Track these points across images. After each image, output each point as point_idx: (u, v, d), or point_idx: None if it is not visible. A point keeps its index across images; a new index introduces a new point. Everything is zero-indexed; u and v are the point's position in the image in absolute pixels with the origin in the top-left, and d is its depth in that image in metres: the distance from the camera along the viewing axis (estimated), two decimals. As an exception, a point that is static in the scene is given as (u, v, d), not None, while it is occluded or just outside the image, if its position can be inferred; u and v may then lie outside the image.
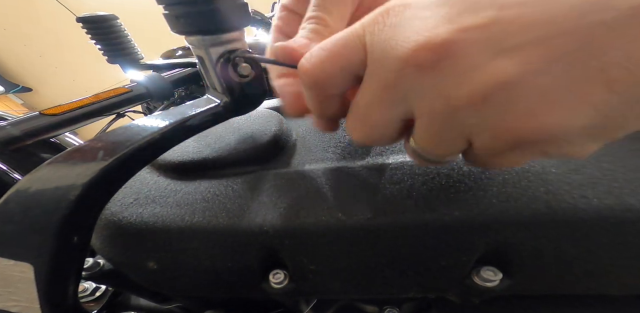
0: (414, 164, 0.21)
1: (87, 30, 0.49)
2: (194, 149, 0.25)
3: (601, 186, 0.18)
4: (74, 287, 0.15)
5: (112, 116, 0.49)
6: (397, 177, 0.20)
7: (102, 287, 0.34)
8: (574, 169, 0.19)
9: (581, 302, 0.25)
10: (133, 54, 0.53)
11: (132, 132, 0.17)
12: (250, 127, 0.26)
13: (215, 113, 0.20)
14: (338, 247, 0.20)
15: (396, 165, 0.21)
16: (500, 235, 0.18)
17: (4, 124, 0.37)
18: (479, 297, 0.21)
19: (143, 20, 1.34)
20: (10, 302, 0.13)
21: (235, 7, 0.17)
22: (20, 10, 1.78)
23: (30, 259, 0.13)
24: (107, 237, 0.22)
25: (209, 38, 0.18)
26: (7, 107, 2.07)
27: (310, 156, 0.24)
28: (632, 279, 0.19)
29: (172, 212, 0.21)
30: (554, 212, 0.17)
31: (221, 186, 0.23)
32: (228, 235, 0.20)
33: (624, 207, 0.17)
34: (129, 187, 0.24)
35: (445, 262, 0.20)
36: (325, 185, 0.21)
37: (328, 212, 0.19)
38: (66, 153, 0.16)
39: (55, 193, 0.14)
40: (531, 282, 0.20)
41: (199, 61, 0.20)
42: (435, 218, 0.18)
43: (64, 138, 0.53)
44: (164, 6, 0.17)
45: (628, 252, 0.18)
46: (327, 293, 0.24)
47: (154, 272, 0.22)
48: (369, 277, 0.22)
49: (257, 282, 0.22)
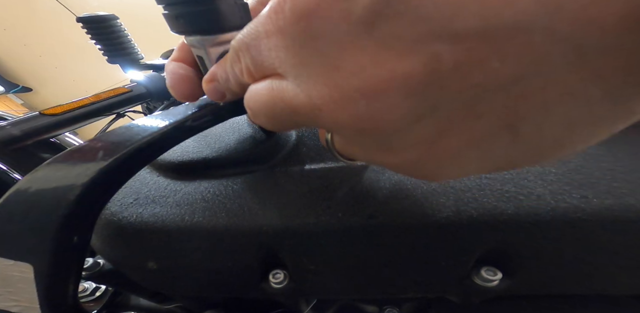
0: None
1: (87, 30, 0.49)
2: (194, 148, 0.25)
3: (601, 186, 0.18)
4: (74, 287, 0.15)
5: (112, 116, 0.49)
6: (397, 177, 0.20)
7: (102, 287, 0.34)
8: (574, 169, 0.19)
9: (581, 302, 0.25)
10: (133, 54, 0.53)
11: (132, 132, 0.17)
12: (250, 127, 0.26)
13: (215, 113, 0.20)
14: (338, 247, 0.20)
15: None
16: (500, 235, 0.18)
17: (4, 124, 0.37)
18: (479, 297, 0.21)
19: (143, 20, 1.34)
20: (10, 302, 0.13)
21: (235, 7, 0.17)
22: (20, 10, 1.78)
23: (30, 259, 0.13)
24: (107, 237, 0.22)
25: (209, 38, 0.18)
26: (7, 107, 2.07)
27: (310, 156, 0.24)
28: (632, 279, 0.19)
29: (172, 212, 0.21)
30: (554, 212, 0.17)
31: (221, 186, 0.23)
32: (228, 235, 0.20)
33: (624, 207, 0.17)
34: (129, 187, 0.24)
35: (445, 262, 0.20)
36: (326, 185, 0.21)
37: (328, 212, 0.19)
38: (66, 153, 0.16)
39: (55, 194, 0.14)
40: (531, 282, 0.20)
41: (199, 61, 0.20)
42: (435, 218, 0.18)
43: (64, 138, 0.53)
44: (163, 6, 0.17)
45: (628, 252, 0.18)
46: (327, 293, 0.24)
47: (154, 272, 0.22)
48: (368, 277, 0.22)
49: (257, 282, 0.22)
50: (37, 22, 1.82)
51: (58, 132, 0.40)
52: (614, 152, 0.19)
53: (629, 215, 0.17)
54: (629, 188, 0.17)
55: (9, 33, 1.87)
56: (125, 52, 0.52)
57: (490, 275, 0.19)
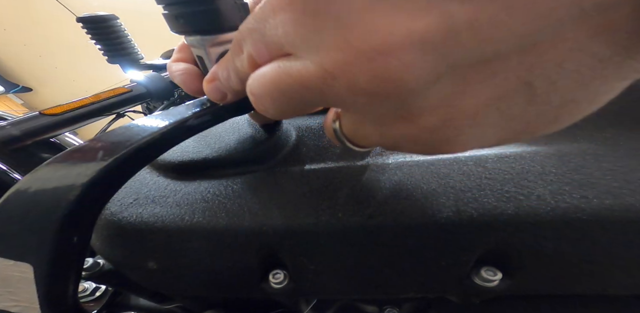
0: (413, 164, 0.21)
1: (87, 30, 0.49)
2: (194, 148, 0.25)
3: (601, 186, 0.18)
4: (74, 287, 0.15)
5: (112, 116, 0.49)
6: (397, 177, 0.20)
7: (102, 287, 0.34)
8: (573, 169, 0.19)
9: (581, 302, 0.25)
10: (133, 54, 0.53)
11: (132, 132, 0.17)
12: (250, 127, 0.26)
13: (215, 113, 0.20)
14: (338, 247, 0.20)
15: (396, 165, 0.21)
16: (500, 235, 0.18)
17: (4, 124, 0.37)
18: (479, 297, 0.21)
19: (143, 20, 1.34)
20: (10, 302, 0.13)
21: (235, 7, 0.17)
22: (20, 10, 1.78)
23: (30, 259, 0.13)
24: (107, 237, 0.22)
25: (209, 38, 0.18)
26: (7, 107, 2.07)
27: (310, 156, 0.24)
28: (632, 279, 0.19)
29: (172, 212, 0.21)
30: (554, 212, 0.17)
31: (221, 186, 0.23)
32: (228, 235, 0.20)
33: (624, 207, 0.17)
34: (129, 187, 0.24)
35: (445, 262, 0.20)
36: (326, 185, 0.21)
37: (328, 212, 0.19)
38: (66, 153, 0.16)
39: (55, 194, 0.14)
40: (531, 282, 0.20)
41: (199, 61, 0.20)
42: (435, 218, 0.18)
43: (64, 138, 0.53)
44: (163, 6, 0.17)
45: (628, 252, 0.18)
46: (327, 293, 0.24)
47: (154, 272, 0.22)
48: (368, 277, 0.22)
49: (257, 282, 0.22)
50: (37, 22, 1.82)
51: (58, 132, 0.40)
52: (614, 152, 0.19)
53: (629, 215, 0.17)
54: (629, 188, 0.17)
55: (9, 33, 1.87)
56: (125, 52, 0.52)
57: (490, 275, 0.19)
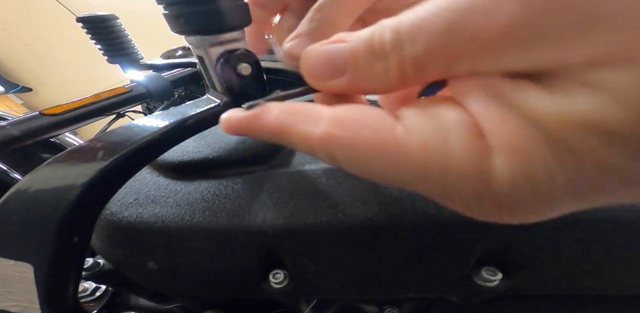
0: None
1: (87, 30, 0.49)
2: (194, 148, 0.25)
3: None
4: (74, 287, 0.15)
5: (112, 116, 0.49)
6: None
7: (102, 287, 0.34)
8: None
9: (581, 302, 0.25)
10: (133, 54, 0.53)
11: (132, 132, 0.17)
12: None
13: (215, 113, 0.20)
14: (338, 247, 0.20)
15: None
16: (500, 235, 0.18)
17: (4, 124, 0.37)
18: (479, 297, 0.21)
19: (143, 20, 1.34)
20: (10, 302, 0.13)
21: (235, 7, 0.17)
22: (20, 10, 1.78)
23: (30, 259, 0.13)
24: (107, 237, 0.22)
25: (209, 38, 0.18)
26: (7, 107, 2.07)
27: (310, 156, 0.24)
28: (632, 279, 0.19)
29: (172, 212, 0.21)
30: None
31: (221, 186, 0.23)
32: (228, 235, 0.20)
33: (624, 207, 0.17)
34: (129, 187, 0.24)
35: (445, 262, 0.20)
36: (325, 185, 0.21)
37: (328, 212, 0.19)
38: (66, 153, 0.16)
39: (55, 194, 0.14)
40: (531, 282, 0.20)
41: (199, 61, 0.20)
42: (435, 218, 0.18)
43: (64, 138, 0.53)
44: (163, 6, 0.17)
45: (628, 252, 0.18)
46: (327, 293, 0.24)
47: (154, 272, 0.22)
48: (369, 277, 0.22)
49: (257, 282, 0.22)
50: (37, 22, 1.82)
51: (58, 132, 0.40)
52: None
53: (629, 215, 0.17)
54: None
55: (9, 33, 1.87)
56: (125, 52, 0.52)
57: (490, 275, 0.19)
